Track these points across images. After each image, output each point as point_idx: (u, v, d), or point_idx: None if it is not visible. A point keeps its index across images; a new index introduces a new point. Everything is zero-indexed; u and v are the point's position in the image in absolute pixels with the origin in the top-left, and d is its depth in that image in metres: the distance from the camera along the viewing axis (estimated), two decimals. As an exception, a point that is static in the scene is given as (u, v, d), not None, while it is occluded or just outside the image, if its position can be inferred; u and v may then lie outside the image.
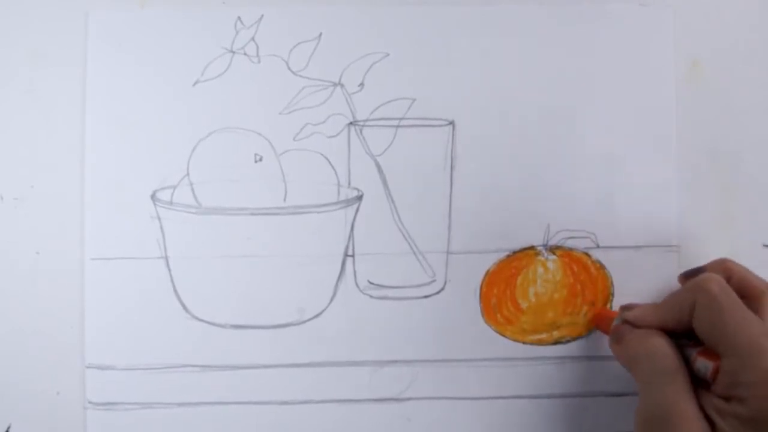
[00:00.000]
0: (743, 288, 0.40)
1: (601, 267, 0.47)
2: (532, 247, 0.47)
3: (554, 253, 0.47)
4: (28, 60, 0.47)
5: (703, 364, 0.37)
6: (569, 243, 0.47)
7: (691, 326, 0.38)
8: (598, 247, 0.47)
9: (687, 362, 0.38)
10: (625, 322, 0.42)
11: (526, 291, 0.47)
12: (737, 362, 0.35)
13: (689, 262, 0.47)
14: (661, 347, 0.38)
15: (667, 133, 0.48)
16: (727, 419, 0.35)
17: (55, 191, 0.47)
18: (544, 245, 0.47)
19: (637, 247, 0.47)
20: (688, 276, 0.43)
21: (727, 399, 0.35)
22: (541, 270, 0.47)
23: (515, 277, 0.47)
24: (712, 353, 0.36)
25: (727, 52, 0.48)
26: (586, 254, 0.47)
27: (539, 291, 0.47)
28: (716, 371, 0.36)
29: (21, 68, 0.48)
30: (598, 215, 0.47)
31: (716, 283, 0.37)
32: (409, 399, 0.47)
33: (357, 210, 0.47)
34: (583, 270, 0.47)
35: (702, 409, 0.36)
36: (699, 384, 0.37)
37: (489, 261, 0.47)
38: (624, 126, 0.48)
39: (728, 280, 0.41)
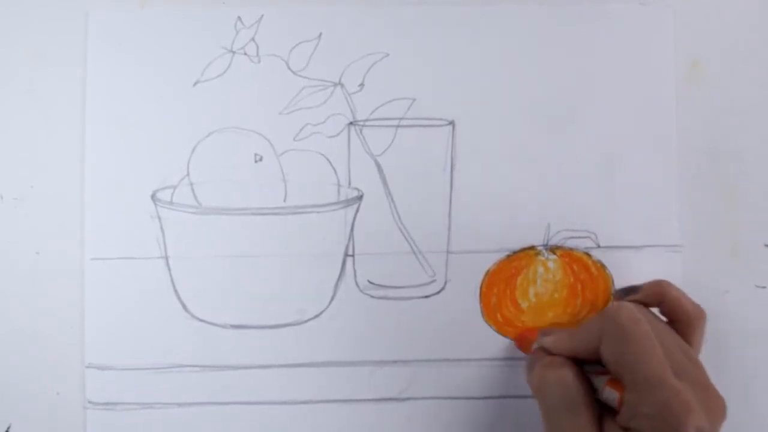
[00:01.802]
0: (675, 312, 0.41)
1: (601, 267, 0.47)
2: (532, 247, 0.47)
3: (554, 253, 0.47)
4: (28, 60, 0.48)
5: (611, 394, 0.36)
6: (569, 243, 0.47)
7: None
8: (598, 246, 0.47)
9: (596, 391, 0.37)
10: (542, 348, 0.41)
11: (526, 291, 0.47)
12: (637, 394, 0.34)
13: (690, 262, 0.47)
14: (566, 378, 0.37)
15: (668, 133, 0.48)
16: None
17: (55, 191, 0.47)
18: (545, 245, 0.47)
19: (638, 247, 0.47)
20: (622, 294, 0.44)
21: (626, 430, 0.34)
22: (541, 270, 0.47)
23: (515, 277, 0.47)
24: (618, 383, 0.36)
25: (727, 52, 0.48)
26: (587, 254, 0.47)
27: (539, 291, 0.47)
28: (621, 402, 0.35)
29: (21, 68, 0.48)
30: (599, 215, 0.47)
31: (626, 313, 0.37)
32: (409, 399, 0.47)
33: (357, 210, 0.47)
34: (584, 270, 0.47)
35: None
36: (609, 411, 0.37)
37: (489, 261, 0.47)
38: (624, 126, 0.48)
39: (660, 303, 0.41)
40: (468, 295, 0.47)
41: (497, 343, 0.47)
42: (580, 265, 0.47)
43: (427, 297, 0.47)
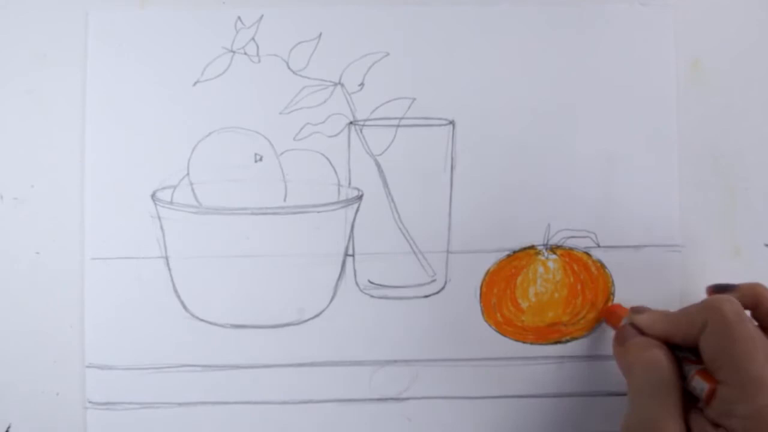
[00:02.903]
0: None
1: (601, 266, 0.47)
2: (532, 247, 0.47)
3: (555, 253, 0.47)
4: (29, 60, 0.48)
5: (700, 384, 0.36)
6: (570, 242, 0.47)
7: (697, 343, 0.37)
8: (598, 246, 0.47)
9: (684, 378, 0.37)
10: (633, 325, 0.41)
11: (527, 291, 0.47)
12: (735, 392, 0.34)
13: (690, 262, 0.47)
14: (660, 361, 0.37)
15: (668, 133, 0.48)
16: None
17: (55, 191, 0.47)
18: (545, 245, 0.47)
19: (638, 247, 0.47)
20: (716, 290, 0.43)
21: (716, 426, 0.34)
22: (541, 269, 0.47)
23: (515, 276, 0.47)
24: (710, 375, 0.36)
25: (727, 52, 0.48)
26: (587, 254, 0.47)
27: (539, 290, 0.47)
28: (711, 394, 0.35)
29: (21, 68, 0.48)
30: (599, 215, 0.47)
31: (733, 307, 0.36)
32: (409, 399, 0.47)
33: (357, 210, 0.47)
34: (584, 269, 0.47)
35: (689, 429, 0.36)
36: (693, 401, 0.37)
37: (489, 261, 0.47)
38: (624, 126, 0.48)
39: (756, 306, 0.40)
40: (468, 295, 0.47)
41: (497, 343, 0.47)
42: (580, 265, 0.47)
43: (427, 297, 0.47)
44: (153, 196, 0.47)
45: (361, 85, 0.47)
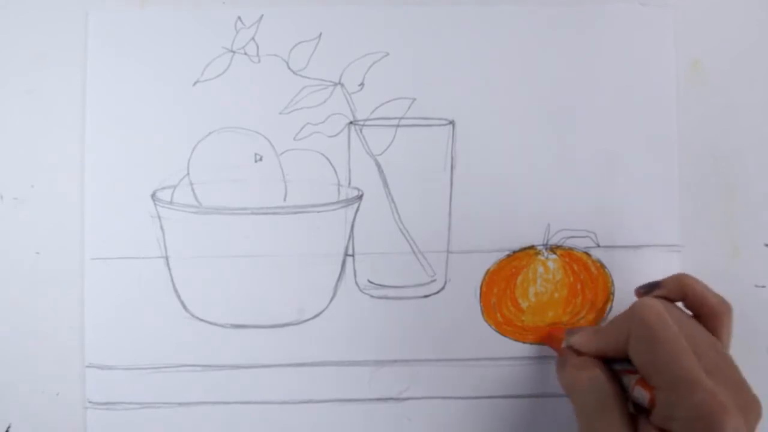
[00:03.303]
0: (700, 306, 0.40)
1: (601, 266, 0.47)
2: (532, 247, 0.47)
3: (554, 253, 0.47)
4: (28, 60, 0.48)
5: (641, 393, 0.36)
6: (569, 242, 0.47)
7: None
8: (598, 246, 0.47)
9: (626, 389, 0.37)
10: (570, 347, 0.41)
11: (527, 290, 0.47)
12: (670, 396, 0.34)
13: (690, 262, 0.47)
14: (597, 379, 0.37)
15: (668, 133, 0.48)
16: None
17: (55, 191, 0.47)
18: (545, 244, 0.47)
19: (638, 247, 0.47)
20: (645, 291, 0.43)
21: (663, 431, 0.34)
22: (541, 269, 0.47)
23: (515, 276, 0.47)
24: (647, 383, 0.36)
25: (727, 52, 0.48)
26: (587, 254, 0.47)
27: (539, 290, 0.47)
28: (652, 402, 0.35)
29: (21, 68, 0.48)
30: (599, 215, 0.47)
31: (653, 311, 0.36)
32: (408, 399, 0.47)
33: (357, 210, 0.47)
34: (584, 269, 0.47)
35: None
36: (641, 410, 0.36)
37: (489, 260, 0.47)
38: (624, 126, 0.48)
39: (684, 297, 0.41)
40: (468, 295, 0.47)
41: (497, 343, 0.47)
42: (580, 265, 0.47)
43: (427, 297, 0.47)
44: (153, 196, 0.47)
45: (361, 85, 0.47)
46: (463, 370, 0.47)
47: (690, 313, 0.41)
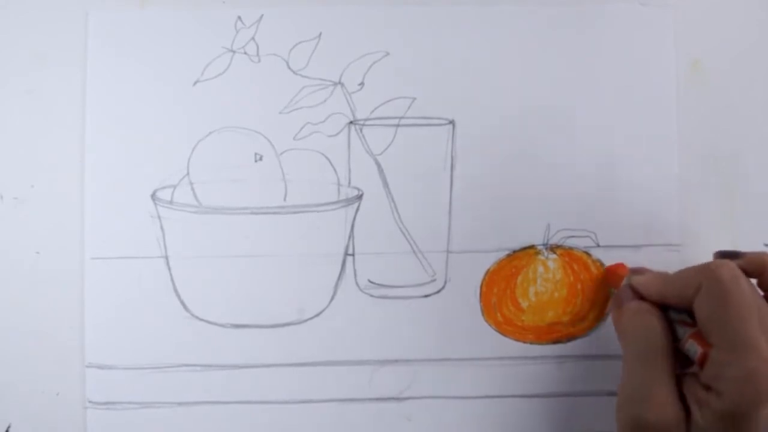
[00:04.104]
0: None
1: (601, 266, 0.47)
2: (532, 246, 0.47)
3: (554, 252, 0.47)
4: (28, 60, 0.48)
5: (693, 347, 0.36)
6: (569, 242, 0.47)
7: (692, 306, 0.37)
8: (598, 246, 0.47)
9: (678, 340, 0.37)
10: (630, 287, 0.41)
11: (527, 290, 0.47)
12: (725, 356, 0.34)
13: (690, 262, 0.47)
14: (651, 327, 0.38)
15: (668, 133, 0.48)
16: (703, 410, 0.34)
17: (55, 191, 0.47)
18: (545, 244, 0.47)
19: (638, 246, 0.47)
20: (722, 256, 0.42)
21: (707, 389, 0.34)
22: (541, 269, 0.47)
23: (515, 276, 0.47)
24: (703, 339, 0.36)
25: (727, 52, 0.48)
26: (587, 253, 0.47)
27: (539, 290, 0.47)
28: (703, 358, 0.35)
29: (21, 68, 0.48)
30: (599, 214, 0.47)
31: (729, 271, 0.36)
32: (409, 398, 0.47)
33: (357, 209, 0.47)
34: (584, 269, 0.47)
35: (682, 394, 0.36)
36: (688, 364, 0.37)
37: (489, 260, 0.47)
38: (624, 126, 0.48)
39: (761, 274, 0.40)
40: (468, 295, 0.47)
41: (497, 343, 0.47)
42: (580, 265, 0.47)
43: (427, 296, 0.47)
44: (153, 195, 0.47)
45: (361, 84, 0.47)
46: (463, 370, 0.47)
47: (761, 293, 0.40)
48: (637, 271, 0.43)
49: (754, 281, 0.40)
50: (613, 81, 0.48)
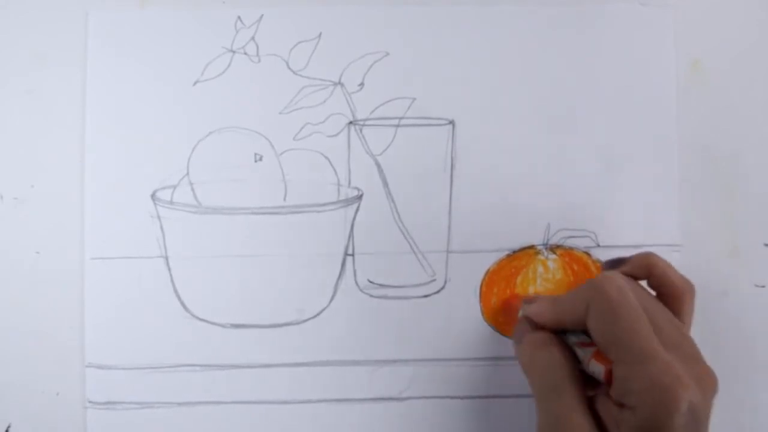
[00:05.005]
0: (664, 286, 0.39)
1: (601, 266, 0.47)
2: (532, 247, 0.47)
3: (554, 252, 0.47)
4: (28, 60, 0.48)
5: (597, 368, 0.36)
6: (569, 242, 0.47)
7: (586, 325, 0.37)
8: (598, 246, 0.47)
9: (581, 362, 0.37)
10: (526, 317, 0.41)
11: (527, 290, 0.47)
12: (626, 369, 0.33)
13: (690, 262, 0.47)
14: (553, 359, 0.37)
15: (668, 133, 0.48)
16: (621, 429, 0.33)
17: (55, 191, 0.47)
18: (545, 244, 0.47)
19: (638, 247, 0.47)
20: (609, 266, 0.42)
21: (620, 406, 0.34)
22: (541, 269, 0.47)
23: (515, 276, 0.47)
24: (604, 356, 0.35)
25: (727, 52, 0.48)
26: (587, 253, 0.47)
27: (539, 290, 0.47)
28: (609, 375, 0.35)
29: (21, 68, 0.48)
30: (599, 215, 0.47)
31: (614, 284, 0.36)
32: (408, 398, 0.47)
33: (357, 209, 0.47)
34: (584, 269, 0.47)
35: (598, 416, 0.35)
36: (598, 385, 0.36)
37: (489, 260, 0.47)
38: (624, 126, 0.48)
39: (648, 276, 0.40)
40: (468, 295, 0.47)
41: (497, 343, 0.47)
42: (580, 265, 0.47)
43: (427, 297, 0.47)
44: (153, 196, 0.47)
45: (361, 85, 0.47)
46: (463, 370, 0.47)
47: (653, 292, 0.40)
48: (530, 300, 0.42)
49: (644, 283, 0.40)
50: (613, 81, 0.48)
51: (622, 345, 0.34)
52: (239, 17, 0.47)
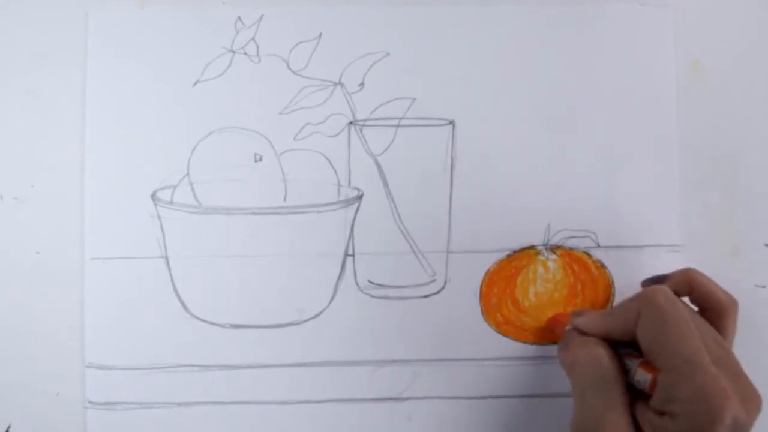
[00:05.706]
0: (707, 301, 0.40)
1: (601, 266, 0.47)
2: (532, 247, 0.47)
3: (555, 253, 0.47)
4: (29, 60, 0.48)
5: (643, 377, 0.36)
6: (570, 242, 0.47)
7: (635, 336, 0.37)
8: (598, 246, 0.47)
9: (627, 373, 0.37)
10: (575, 329, 0.41)
11: (527, 290, 0.47)
12: (673, 377, 0.34)
13: (690, 262, 0.47)
14: (599, 357, 0.37)
15: (668, 133, 0.48)
16: None
17: (55, 191, 0.47)
18: (545, 245, 0.47)
19: (638, 247, 0.47)
20: (651, 283, 0.43)
21: (661, 414, 0.34)
22: (541, 269, 0.47)
23: (515, 276, 0.47)
24: (652, 366, 0.36)
25: (727, 52, 0.48)
26: (587, 254, 0.47)
27: (539, 290, 0.47)
28: (653, 384, 0.35)
29: (21, 68, 0.48)
30: (599, 215, 0.47)
31: (663, 295, 0.36)
32: (409, 398, 0.47)
33: (357, 210, 0.47)
34: (584, 269, 0.47)
35: (637, 422, 0.35)
36: (640, 396, 0.36)
37: (489, 260, 0.47)
38: (624, 126, 0.48)
39: (691, 292, 0.41)
40: (468, 295, 0.47)
41: (497, 343, 0.47)
42: (580, 265, 0.47)
43: (427, 297, 0.47)
44: (153, 196, 0.47)
45: (361, 85, 0.47)
46: (463, 370, 0.47)
47: (695, 308, 0.41)
48: (579, 313, 0.42)
49: (686, 299, 0.41)
50: (613, 81, 0.48)
51: (670, 353, 0.34)
52: (239, 17, 0.47)
